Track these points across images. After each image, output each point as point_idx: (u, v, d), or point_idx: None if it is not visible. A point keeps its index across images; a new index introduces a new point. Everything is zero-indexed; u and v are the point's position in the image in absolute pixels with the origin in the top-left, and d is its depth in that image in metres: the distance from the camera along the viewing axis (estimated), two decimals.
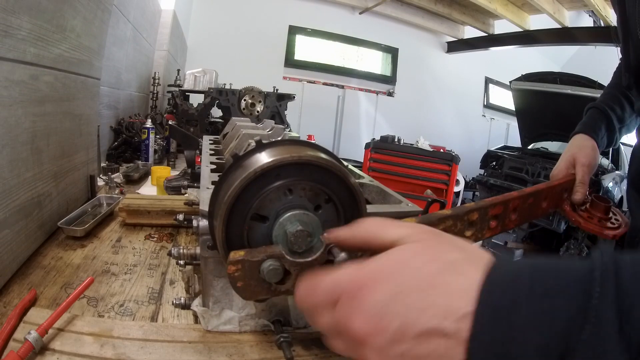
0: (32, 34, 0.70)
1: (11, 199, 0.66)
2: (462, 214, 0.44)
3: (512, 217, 0.55)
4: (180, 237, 0.97)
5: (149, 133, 1.74)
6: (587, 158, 0.76)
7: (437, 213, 0.42)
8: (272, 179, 0.43)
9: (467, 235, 0.46)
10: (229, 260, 0.34)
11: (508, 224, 0.54)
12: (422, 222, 0.39)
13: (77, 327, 0.51)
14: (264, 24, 4.93)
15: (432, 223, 0.41)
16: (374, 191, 0.71)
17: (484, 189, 4.58)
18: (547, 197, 0.66)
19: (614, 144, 0.84)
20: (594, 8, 4.17)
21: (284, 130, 1.09)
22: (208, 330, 0.54)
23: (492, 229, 0.51)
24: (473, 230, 0.47)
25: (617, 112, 0.82)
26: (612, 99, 0.85)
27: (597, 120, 0.82)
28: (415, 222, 0.37)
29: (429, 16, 5.65)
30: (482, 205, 0.48)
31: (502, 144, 5.47)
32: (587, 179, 0.75)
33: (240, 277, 0.34)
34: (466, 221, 0.45)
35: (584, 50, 5.58)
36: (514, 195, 0.55)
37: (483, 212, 0.48)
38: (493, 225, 0.51)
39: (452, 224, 0.43)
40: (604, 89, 0.91)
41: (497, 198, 0.52)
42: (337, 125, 5.58)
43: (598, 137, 0.80)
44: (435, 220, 0.41)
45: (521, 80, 4.50)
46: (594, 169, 0.77)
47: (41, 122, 0.78)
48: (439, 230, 0.31)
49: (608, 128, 0.82)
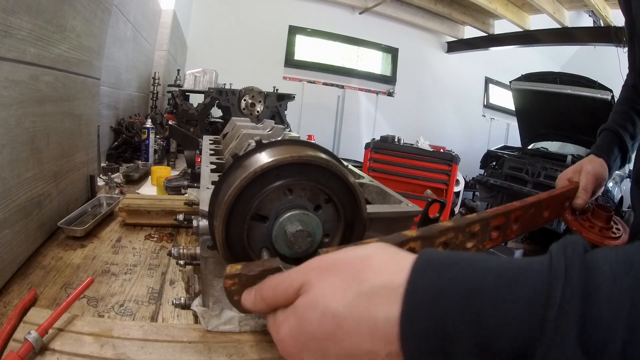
0: (32, 34, 0.70)
1: (11, 199, 0.66)
2: (463, 226, 0.44)
3: (514, 228, 0.54)
4: (180, 237, 0.97)
5: (149, 133, 1.74)
6: (594, 168, 0.77)
7: (438, 225, 0.42)
8: (272, 179, 0.43)
9: (468, 247, 0.46)
10: (225, 274, 0.34)
11: (509, 234, 0.54)
12: (424, 234, 0.39)
13: (77, 327, 0.51)
14: (264, 24, 4.93)
15: (433, 236, 0.40)
16: (374, 191, 0.71)
17: (484, 189, 4.58)
18: (549, 206, 0.65)
19: (628, 161, 0.85)
20: (594, 8, 4.16)
21: (284, 130, 1.09)
22: (208, 330, 0.54)
23: (493, 239, 0.50)
24: (474, 241, 0.46)
25: (629, 130, 0.84)
26: (624, 117, 0.86)
27: (610, 143, 0.83)
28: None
29: (429, 16, 5.65)
30: (484, 216, 0.47)
31: (502, 144, 5.46)
32: (591, 187, 0.75)
33: (237, 290, 0.34)
34: (468, 233, 0.45)
35: (584, 50, 5.58)
36: (515, 205, 0.54)
37: (485, 224, 0.47)
38: (494, 236, 0.50)
39: (453, 235, 0.42)
40: (614, 106, 0.91)
41: (499, 209, 0.52)
42: (337, 125, 5.58)
43: (610, 159, 0.81)
44: (436, 232, 0.40)
45: (521, 80, 4.50)
46: (600, 181, 0.77)
47: (41, 122, 0.78)
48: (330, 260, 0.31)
49: (621, 148, 0.84)
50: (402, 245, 0.38)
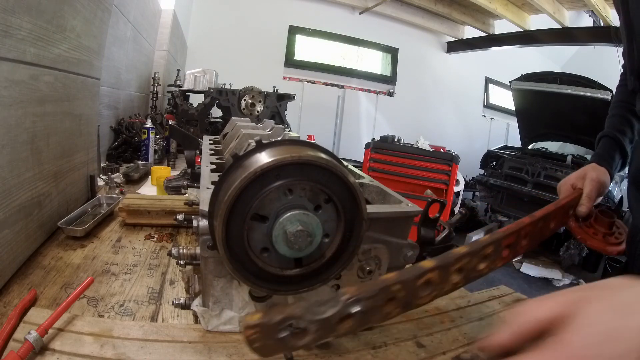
0: (32, 34, 0.70)
1: (11, 199, 0.66)
2: (477, 250, 0.44)
3: (523, 243, 0.54)
4: (180, 237, 0.97)
5: (149, 133, 1.74)
6: (598, 175, 0.76)
7: (453, 252, 0.42)
8: (272, 179, 0.43)
9: (480, 268, 0.46)
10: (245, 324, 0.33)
11: (519, 250, 0.54)
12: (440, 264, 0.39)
13: (77, 327, 0.51)
14: (264, 24, 4.93)
15: (449, 264, 0.41)
16: (374, 191, 0.71)
17: (484, 189, 4.58)
18: (556, 217, 0.65)
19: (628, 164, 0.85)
20: (594, 8, 4.16)
21: (284, 130, 1.09)
22: (208, 330, 0.54)
23: (504, 257, 0.50)
24: (487, 262, 0.47)
25: (628, 135, 0.83)
26: (621, 121, 0.84)
27: (610, 150, 0.83)
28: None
29: (429, 16, 5.65)
30: (496, 238, 0.48)
31: (502, 144, 5.47)
32: (595, 194, 0.74)
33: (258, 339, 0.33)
34: (481, 256, 0.45)
35: (584, 50, 5.57)
36: (525, 222, 0.54)
37: (497, 245, 0.47)
38: (505, 254, 0.51)
39: (468, 260, 0.43)
40: (610, 109, 0.89)
41: (511, 227, 0.52)
42: (337, 125, 5.58)
43: (612, 167, 0.80)
44: (452, 260, 0.41)
45: (521, 80, 4.50)
46: (603, 188, 0.76)
47: (41, 122, 0.78)
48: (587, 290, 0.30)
49: (621, 154, 0.83)
50: (420, 278, 0.38)
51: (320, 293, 0.55)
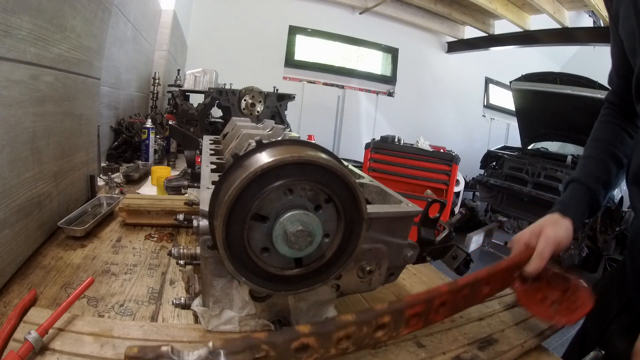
0: (32, 34, 0.70)
1: (11, 199, 0.66)
2: (368, 319, 0.41)
3: (440, 311, 0.50)
4: (180, 237, 0.97)
5: (149, 133, 1.74)
6: (555, 234, 0.67)
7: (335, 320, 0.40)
8: (272, 179, 0.43)
9: (377, 336, 0.43)
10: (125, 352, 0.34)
11: (435, 317, 0.49)
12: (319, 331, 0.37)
13: (77, 327, 0.51)
14: (264, 24, 4.93)
15: (330, 332, 0.38)
16: (374, 191, 0.71)
17: (484, 189, 4.58)
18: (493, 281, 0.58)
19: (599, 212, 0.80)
20: (594, 8, 4.16)
21: (284, 130, 1.09)
22: (208, 330, 0.54)
23: (411, 325, 0.46)
24: (385, 330, 0.43)
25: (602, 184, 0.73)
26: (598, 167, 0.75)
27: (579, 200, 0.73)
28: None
29: (429, 16, 5.64)
30: (397, 307, 0.44)
31: (502, 144, 5.47)
32: (548, 254, 0.65)
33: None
34: (374, 325, 0.42)
35: (584, 51, 5.57)
36: (441, 290, 0.49)
37: (398, 314, 0.43)
38: (413, 322, 0.46)
39: (355, 329, 0.40)
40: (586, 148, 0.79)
41: (420, 296, 0.46)
42: (337, 125, 5.58)
43: (578, 219, 0.71)
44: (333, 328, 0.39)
45: (521, 80, 4.51)
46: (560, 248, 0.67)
47: (41, 122, 0.78)
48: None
49: (591, 205, 0.73)
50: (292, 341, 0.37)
51: (320, 293, 0.55)
